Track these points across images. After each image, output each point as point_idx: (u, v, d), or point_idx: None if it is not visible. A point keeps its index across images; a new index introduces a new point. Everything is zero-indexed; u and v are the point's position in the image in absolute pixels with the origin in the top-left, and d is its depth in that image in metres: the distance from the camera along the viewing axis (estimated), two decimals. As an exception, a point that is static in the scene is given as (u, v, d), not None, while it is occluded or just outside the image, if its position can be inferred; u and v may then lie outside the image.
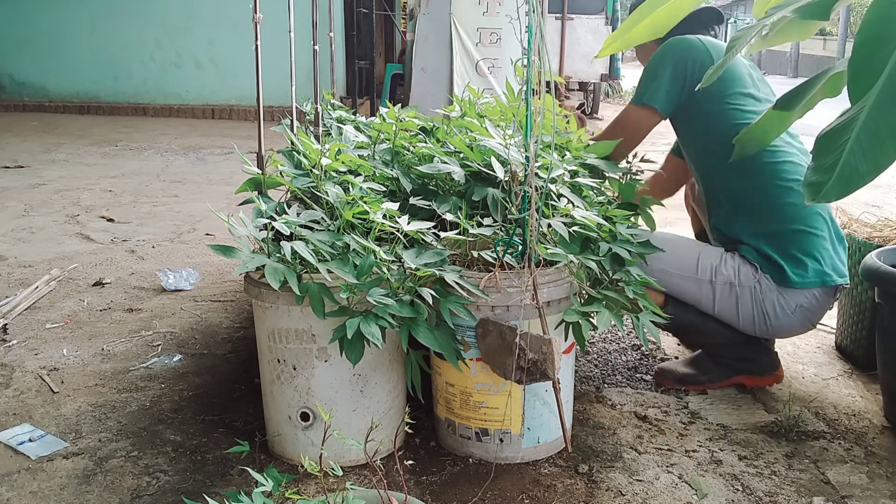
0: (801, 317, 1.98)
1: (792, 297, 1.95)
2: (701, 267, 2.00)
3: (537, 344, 1.52)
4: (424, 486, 1.62)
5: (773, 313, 1.96)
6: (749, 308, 1.98)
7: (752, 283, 1.96)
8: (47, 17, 8.63)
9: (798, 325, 2.00)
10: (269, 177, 1.77)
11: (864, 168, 1.04)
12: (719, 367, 2.08)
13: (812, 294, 1.95)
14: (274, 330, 1.64)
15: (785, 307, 1.95)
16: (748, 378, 2.08)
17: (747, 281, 1.96)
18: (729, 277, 1.97)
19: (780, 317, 1.97)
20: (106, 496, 1.58)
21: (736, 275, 1.97)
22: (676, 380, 2.09)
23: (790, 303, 1.95)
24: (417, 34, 6.56)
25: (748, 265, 1.97)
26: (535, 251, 1.56)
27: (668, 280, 2.00)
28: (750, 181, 1.98)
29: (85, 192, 4.61)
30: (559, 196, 1.75)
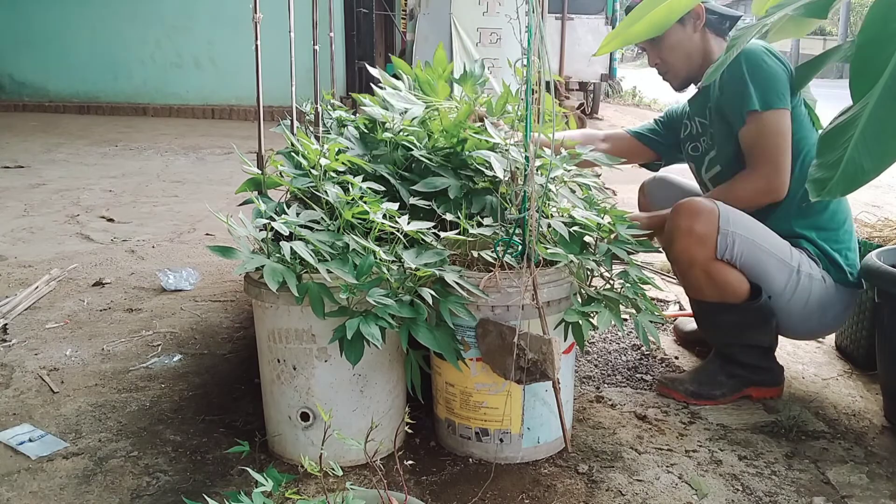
0: (846, 315, 2.03)
1: (846, 295, 1.98)
2: (794, 253, 1.93)
3: (537, 344, 1.52)
4: (424, 486, 1.62)
5: (832, 309, 1.97)
6: (815, 303, 1.95)
7: (820, 277, 1.94)
8: (47, 17, 8.63)
9: (840, 323, 2.06)
10: (268, 177, 1.77)
11: (868, 165, 1.04)
12: (733, 380, 2.01)
13: (854, 294, 2.00)
14: (274, 330, 1.64)
15: (840, 304, 1.98)
16: (756, 389, 2.03)
17: (817, 275, 1.94)
18: (809, 268, 1.94)
19: (836, 313, 1.99)
20: (106, 496, 1.58)
21: (810, 267, 1.94)
22: (689, 394, 2.01)
23: (845, 300, 1.98)
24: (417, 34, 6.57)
25: (812, 260, 1.95)
26: (535, 251, 1.55)
27: (769, 261, 1.90)
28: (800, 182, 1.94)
29: (85, 192, 4.61)
30: (558, 195, 1.75)
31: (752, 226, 1.91)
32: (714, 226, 1.85)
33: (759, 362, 2.01)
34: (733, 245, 1.86)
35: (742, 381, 2.01)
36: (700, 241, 1.85)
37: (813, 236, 1.97)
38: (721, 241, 1.85)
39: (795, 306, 1.95)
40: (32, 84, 8.84)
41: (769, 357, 2.04)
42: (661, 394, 2.05)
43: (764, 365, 2.02)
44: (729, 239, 1.86)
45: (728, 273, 1.89)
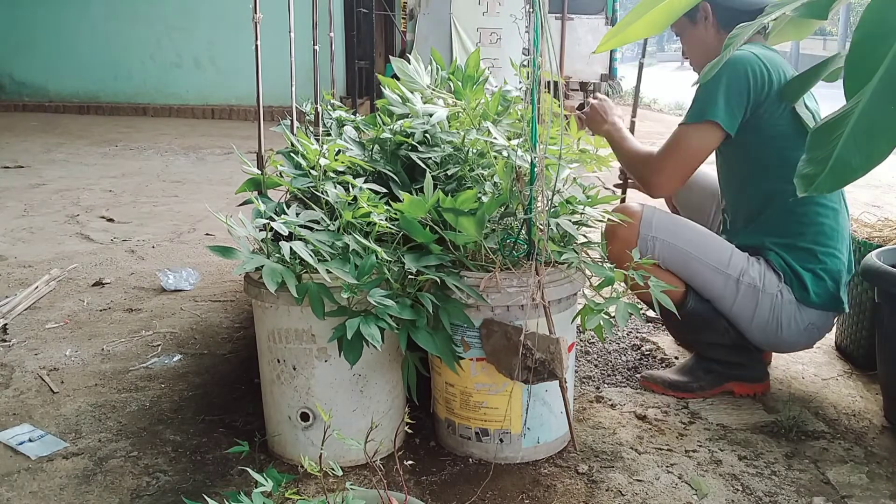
0: (809, 335, 1.97)
1: (807, 315, 1.92)
2: (732, 263, 1.92)
3: (545, 343, 1.52)
4: (424, 486, 1.62)
5: (787, 325, 1.92)
6: (765, 315, 1.93)
7: (774, 292, 1.91)
8: (47, 17, 8.63)
9: (804, 342, 2.00)
10: (268, 177, 1.77)
11: (856, 162, 1.05)
12: (710, 375, 2.03)
13: (824, 316, 1.94)
14: (274, 330, 1.64)
15: (799, 322, 1.92)
16: (738, 385, 2.04)
17: (770, 288, 1.91)
18: (755, 281, 1.91)
19: (793, 330, 1.93)
20: (106, 496, 1.58)
21: (761, 279, 1.91)
22: (666, 385, 2.05)
23: (805, 319, 1.92)
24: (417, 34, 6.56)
25: (773, 273, 1.92)
26: (545, 250, 1.55)
27: (697, 267, 1.93)
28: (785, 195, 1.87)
29: (85, 192, 4.61)
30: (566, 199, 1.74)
31: (680, 230, 1.92)
32: (634, 230, 1.89)
33: (731, 358, 2.01)
34: (654, 249, 1.89)
35: (719, 375, 2.03)
36: (623, 244, 1.86)
37: (781, 251, 1.93)
38: (641, 245, 1.88)
39: (742, 315, 1.95)
40: (32, 84, 8.83)
41: (743, 353, 2.02)
42: (643, 387, 2.09)
43: (737, 360, 2.02)
44: (649, 243, 1.89)
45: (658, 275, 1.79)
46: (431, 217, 1.58)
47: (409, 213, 1.56)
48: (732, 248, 1.95)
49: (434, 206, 1.57)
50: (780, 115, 1.89)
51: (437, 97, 2.03)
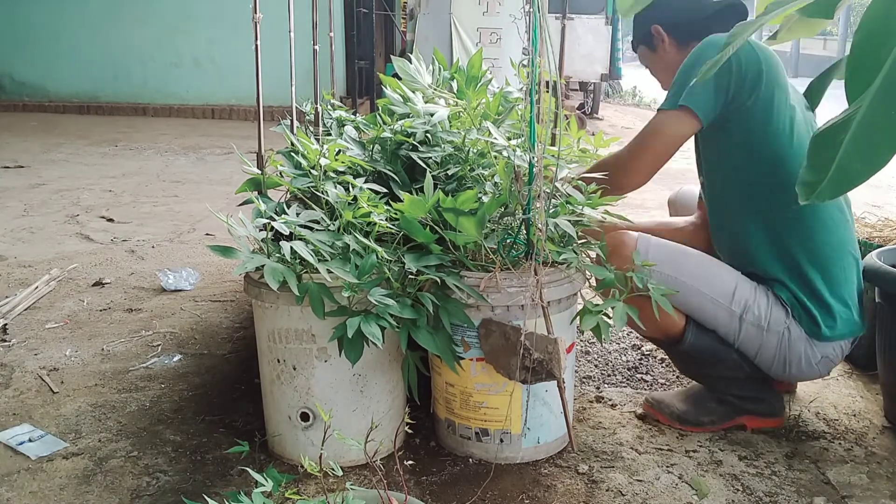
0: (824, 367, 1.82)
1: (819, 349, 1.78)
2: (736, 298, 1.77)
3: (543, 343, 1.52)
4: (424, 486, 1.62)
5: (797, 362, 1.79)
6: (772, 352, 1.79)
7: (781, 329, 1.77)
8: (47, 17, 8.63)
9: (817, 373, 1.85)
10: (268, 177, 1.77)
11: (858, 167, 1.04)
12: (722, 407, 1.86)
13: (839, 346, 1.80)
14: (274, 330, 1.64)
15: (811, 358, 1.79)
16: (752, 419, 1.87)
17: (777, 326, 1.76)
18: (759, 319, 1.76)
19: (803, 366, 1.80)
20: (106, 496, 1.58)
21: (766, 318, 1.76)
22: (675, 418, 1.88)
23: (817, 354, 1.78)
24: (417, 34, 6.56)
25: (780, 308, 1.77)
26: (544, 250, 1.55)
27: (699, 301, 1.77)
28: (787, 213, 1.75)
29: (85, 192, 4.61)
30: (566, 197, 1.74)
31: (680, 259, 1.77)
32: (627, 261, 1.71)
33: (746, 392, 1.85)
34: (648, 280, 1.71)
35: (733, 408, 1.86)
36: None
37: (788, 281, 1.77)
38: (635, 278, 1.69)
39: (748, 350, 1.81)
40: (32, 84, 8.83)
41: (762, 388, 1.87)
42: (647, 413, 1.92)
43: (753, 395, 1.86)
44: None
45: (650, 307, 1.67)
46: (431, 217, 1.58)
47: (410, 213, 1.56)
48: (737, 279, 1.79)
49: (434, 206, 1.57)
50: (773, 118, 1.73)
51: (439, 97, 2.03)
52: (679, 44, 1.92)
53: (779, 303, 1.77)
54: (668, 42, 1.93)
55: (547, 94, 1.62)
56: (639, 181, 1.84)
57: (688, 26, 1.88)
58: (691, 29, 1.87)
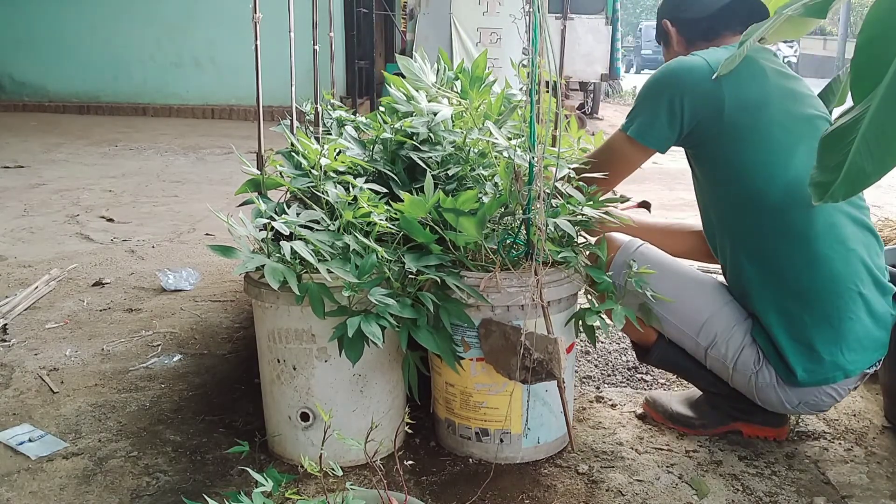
0: (807, 410, 1.70)
1: (796, 394, 1.65)
2: (705, 331, 1.70)
3: (543, 343, 1.52)
4: (424, 486, 1.62)
5: (773, 405, 1.70)
6: (744, 389, 1.73)
7: (748, 373, 1.68)
8: (47, 17, 8.63)
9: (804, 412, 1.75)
10: (268, 177, 1.77)
11: (870, 168, 1.03)
12: (715, 412, 1.82)
13: (823, 392, 1.64)
14: (274, 330, 1.64)
15: (786, 402, 1.67)
16: (747, 426, 1.81)
17: (743, 368, 1.68)
18: (724, 358, 1.69)
19: (782, 409, 1.71)
20: (106, 496, 1.58)
21: (733, 358, 1.68)
22: (668, 417, 1.86)
23: (793, 399, 1.66)
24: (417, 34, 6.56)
25: (752, 351, 1.67)
26: (544, 250, 1.55)
27: (666, 325, 1.75)
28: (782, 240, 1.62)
29: (85, 192, 4.61)
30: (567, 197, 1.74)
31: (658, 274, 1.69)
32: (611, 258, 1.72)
33: (741, 403, 1.77)
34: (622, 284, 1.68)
35: (725, 414, 1.81)
36: None
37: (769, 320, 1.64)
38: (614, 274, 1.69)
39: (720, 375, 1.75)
40: (32, 84, 8.83)
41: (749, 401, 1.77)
42: (644, 410, 1.92)
43: (747, 407, 1.77)
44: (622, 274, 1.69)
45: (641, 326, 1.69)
46: (432, 217, 1.58)
47: (410, 213, 1.56)
48: (714, 310, 1.70)
49: (434, 206, 1.57)
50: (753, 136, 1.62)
51: (443, 96, 2.03)
52: (686, 42, 1.83)
53: (753, 345, 1.67)
54: (675, 38, 1.85)
55: (547, 94, 1.62)
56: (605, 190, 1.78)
57: (694, 24, 1.80)
58: (697, 27, 1.80)
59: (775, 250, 1.62)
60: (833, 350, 1.60)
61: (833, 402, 1.68)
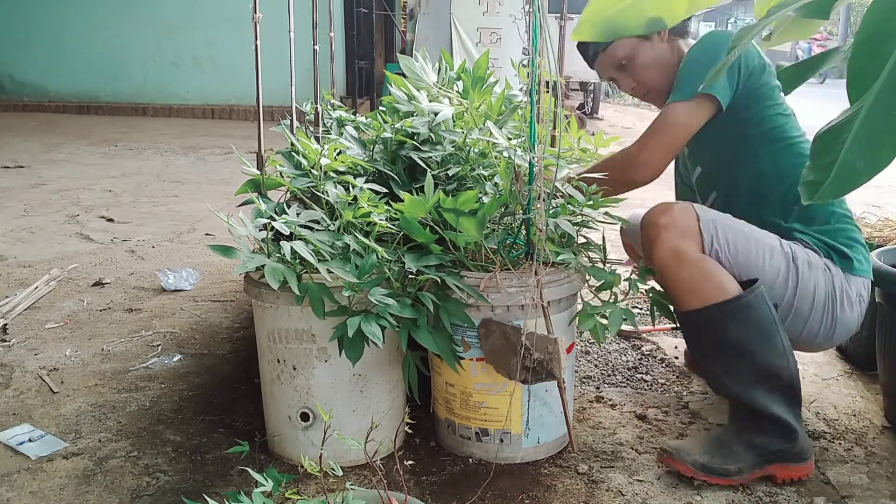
0: (860, 309, 1.77)
1: (854, 284, 1.75)
2: (783, 242, 1.74)
3: (543, 343, 1.52)
4: (424, 486, 1.62)
5: (842, 299, 1.74)
6: (823, 291, 1.72)
7: (822, 264, 1.73)
8: (47, 17, 8.63)
9: (856, 318, 1.77)
10: (268, 177, 1.77)
11: (862, 167, 1.04)
12: (750, 452, 1.65)
13: (867, 284, 1.78)
14: (274, 330, 1.64)
15: (851, 294, 1.74)
16: (782, 468, 1.66)
17: (817, 262, 1.73)
18: (805, 256, 1.72)
19: (846, 305, 1.74)
20: (106, 496, 1.58)
21: (807, 254, 1.73)
22: (698, 467, 1.63)
23: (853, 290, 1.75)
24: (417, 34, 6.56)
25: (811, 250, 1.75)
26: (544, 250, 1.55)
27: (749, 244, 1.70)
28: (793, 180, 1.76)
29: (85, 192, 4.61)
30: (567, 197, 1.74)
31: (730, 219, 1.74)
32: (693, 217, 1.67)
33: (785, 415, 1.64)
34: (716, 233, 1.67)
35: (762, 453, 1.65)
36: (684, 233, 1.65)
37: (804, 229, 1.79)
38: (705, 231, 1.65)
39: (804, 301, 1.72)
40: (32, 84, 8.83)
41: (796, 415, 1.67)
42: (664, 464, 1.68)
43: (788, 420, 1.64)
44: (711, 227, 1.67)
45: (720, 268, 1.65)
46: (432, 217, 1.58)
47: (410, 214, 1.57)
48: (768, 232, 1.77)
49: (434, 207, 1.57)
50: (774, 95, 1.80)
51: (444, 96, 2.03)
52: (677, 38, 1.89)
53: (808, 247, 1.76)
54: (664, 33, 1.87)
55: (547, 94, 1.62)
56: (650, 174, 1.80)
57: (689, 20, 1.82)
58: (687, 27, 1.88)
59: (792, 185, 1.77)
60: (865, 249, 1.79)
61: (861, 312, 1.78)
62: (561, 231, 1.62)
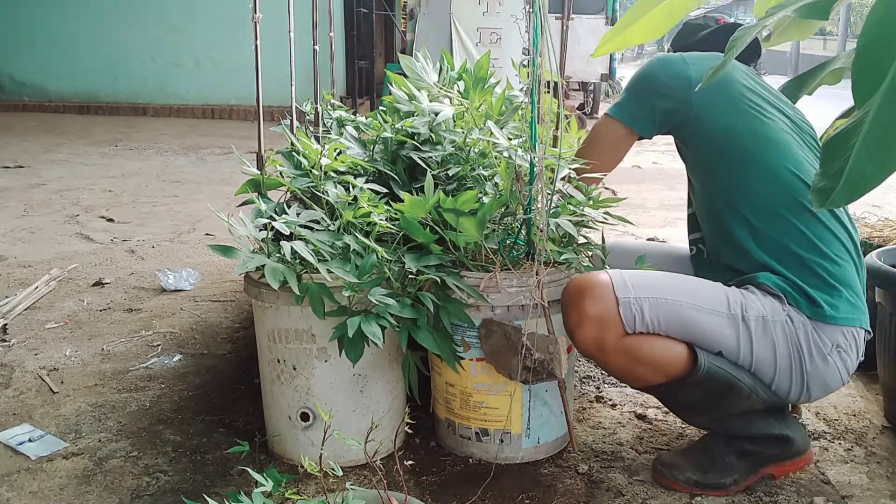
0: (839, 361, 1.58)
1: (827, 334, 1.56)
2: (731, 300, 1.57)
3: (544, 344, 1.52)
4: (424, 486, 1.62)
5: (809, 353, 1.56)
6: (785, 348, 1.56)
7: (782, 317, 1.56)
8: (47, 17, 8.63)
9: (835, 371, 1.59)
10: (268, 177, 1.77)
11: (871, 172, 1.03)
12: (743, 461, 1.62)
13: (849, 332, 1.58)
14: (274, 330, 1.64)
15: (821, 346, 1.57)
16: (778, 466, 1.65)
17: (777, 315, 1.56)
18: (760, 311, 1.56)
19: (817, 358, 1.57)
20: (106, 496, 1.58)
21: (764, 308, 1.56)
22: (692, 484, 1.60)
23: (826, 341, 1.57)
24: (417, 34, 6.55)
25: (771, 297, 1.58)
26: (545, 250, 1.55)
27: (700, 320, 1.55)
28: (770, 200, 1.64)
29: (85, 192, 4.61)
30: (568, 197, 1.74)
31: (661, 283, 1.59)
32: (611, 299, 1.52)
33: (773, 429, 1.62)
34: (642, 313, 1.52)
35: (756, 459, 1.62)
36: (600, 322, 1.51)
37: (775, 265, 1.61)
38: (625, 314, 1.51)
39: (763, 362, 1.57)
40: (32, 84, 8.83)
41: (782, 420, 1.64)
42: (660, 484, 1.64)
43: (777, 432, 1.62)
44: (634, 307, 1.52)
45: (652, 345, 1.54)
46: (432, 217, 1.58)
47: (410, 214, 1.57)
48: (723, 287, 1.62)
49: (434, 207, 1.57)
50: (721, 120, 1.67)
51: (444, 96, 2.03)
52: None
53: (768, 293, 1.59)
54: None
55: (548, 94, 1.62)
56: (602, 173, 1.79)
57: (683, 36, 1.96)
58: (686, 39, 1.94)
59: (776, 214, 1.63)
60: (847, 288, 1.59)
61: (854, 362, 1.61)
62: (562, 231, 1.62)
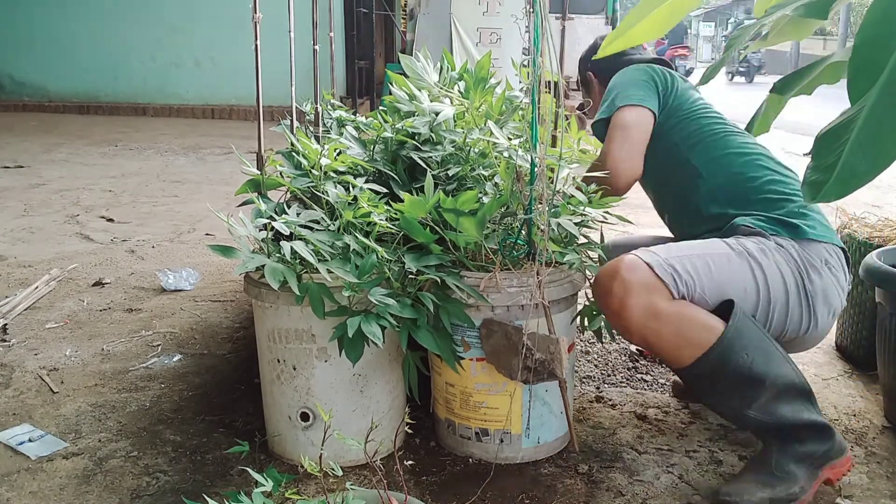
0: (832, 276, 1.66)
1: (813, 250, 1.66)
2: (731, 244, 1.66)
3: (545, 343, 1.52)
4: (424, 486, 1.62)
5: (805, 269, 1.64)
6: (787, 268, 1.63)
7: (772, 244, 1.65)
8: (47, 17, 8.64)
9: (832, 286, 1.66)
10: (268, 177, 1.77)
11: (863, 168, 1.04)
12: (802, 465, 1.56)
13: (832, 249, 1.68)
14: (274, 330, 1.64)
15: (813, 261, 1.65)
16: (832, 469, 1.59)
17: (766, 244, 1.66)
18: (754, 245, 1.65)
19: (812, 273, 1.64)
20: (106, 496, 1.58)
21: (757, 244, 1.66)
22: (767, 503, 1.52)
23: (814, 256, 1.65)
24: (417, 34, 6.56)
25: (753, 235, 1.69)
26: (547, 250, 1.55)
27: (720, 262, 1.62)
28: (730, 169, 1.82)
29: (85, 192, 4.61)
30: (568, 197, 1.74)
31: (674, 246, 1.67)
32: (643, 266, 1.57)
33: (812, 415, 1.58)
34: (675, 269, 1.58)
35: (812, 462, 1.57)
36: (647, 288, 1.55)
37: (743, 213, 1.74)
38: (663, 274, 1.56)
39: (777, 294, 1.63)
40: (32, 84, 8.84)
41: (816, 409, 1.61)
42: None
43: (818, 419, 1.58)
44: (666, 266, 1.58)
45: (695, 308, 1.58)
46: (432, 217, 1.58)
47: (410, 214, 1.57)
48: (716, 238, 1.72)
49: (434, 207, 1.57)
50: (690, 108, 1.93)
51: (445, 96, 2.03)
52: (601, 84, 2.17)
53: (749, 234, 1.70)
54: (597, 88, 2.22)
55: (548, 94, 1.62)
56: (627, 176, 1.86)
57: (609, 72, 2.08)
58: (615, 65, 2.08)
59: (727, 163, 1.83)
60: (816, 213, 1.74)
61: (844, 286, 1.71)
62: (563, 231, 1.62)
